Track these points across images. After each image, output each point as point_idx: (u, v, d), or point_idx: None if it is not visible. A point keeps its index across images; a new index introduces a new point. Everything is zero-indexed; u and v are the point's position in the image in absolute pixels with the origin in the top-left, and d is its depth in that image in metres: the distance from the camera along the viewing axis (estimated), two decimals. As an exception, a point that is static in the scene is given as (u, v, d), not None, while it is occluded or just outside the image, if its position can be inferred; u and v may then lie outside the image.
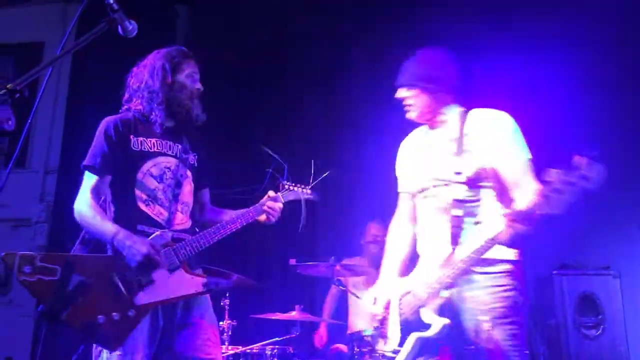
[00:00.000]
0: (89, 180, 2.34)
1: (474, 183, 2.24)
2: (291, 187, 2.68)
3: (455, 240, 2.23)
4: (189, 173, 2.48)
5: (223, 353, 3.51)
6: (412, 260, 2.52)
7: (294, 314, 3.83)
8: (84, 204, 2.30)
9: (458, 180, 2.26)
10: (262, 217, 2.56)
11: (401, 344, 2.29)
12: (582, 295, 4.22)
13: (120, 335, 2.14)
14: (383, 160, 4.91)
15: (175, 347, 2.30)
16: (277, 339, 3.91)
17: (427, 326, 2.23)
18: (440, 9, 4.87)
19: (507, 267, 2.20)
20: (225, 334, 3.74)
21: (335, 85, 5.31)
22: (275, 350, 3.74)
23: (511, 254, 2.21)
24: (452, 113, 2.39)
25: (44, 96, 1.94)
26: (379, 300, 2.46)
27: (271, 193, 2.61)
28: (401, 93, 2.43)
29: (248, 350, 3.75)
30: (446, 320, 2.20)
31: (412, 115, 2.44)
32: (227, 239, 2.43)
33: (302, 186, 2.71)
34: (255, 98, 5.46)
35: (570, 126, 4.41)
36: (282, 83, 5.40)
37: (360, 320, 4.35)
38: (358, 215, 4.99)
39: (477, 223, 2.24)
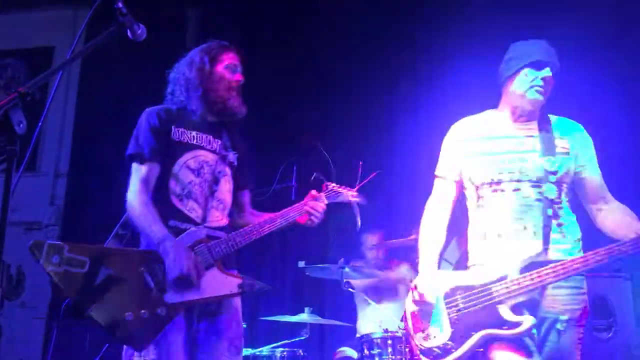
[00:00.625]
0: (137, 170, 2.26)
1: (560, 185, 2.30)
2: (336, 189, 2.56)
3: (547, 240, 2.22)
4: (227, 170, 2.41)
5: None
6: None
7: (303, 316, 3.83)
8: (135, 197, 2.22)
9: (550, 180, 2.27)
10: (303, 219, 2.45)
11: (457, 340, 2.18)
12: (593, 297, 4.18)
13: (149, 334, 2.05)
14: (394, 163, 4.97)
15: (198, 351, 2.21)
16: (286, 341, 3.91)
17: (502, 323, 2.12)
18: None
19: (584, 271, 2.21)
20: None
21: (343, 86, 5.30)
22: (285, 353, 3.73)
23: None
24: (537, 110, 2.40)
25: (54, 99, 1.96)
26: (428, 293, 2.29)
27: (314, 192, 2.51)
28: (547, 72, 2.30)
29: (258, 353, 3.75)
30: (533, 319, 2.11)
31: (540, 98, 2.33)
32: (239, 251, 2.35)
33: (348, 188, 2.60)
34: (264, 104, 5.46)
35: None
36: (295, 86, 5.39)
37: (369, 323, 4.34)
38: (370, 218, 4.97)
39: (559, 225, 2.27)
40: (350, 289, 4.14)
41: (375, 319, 4.28)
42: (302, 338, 3.93)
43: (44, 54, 6.05)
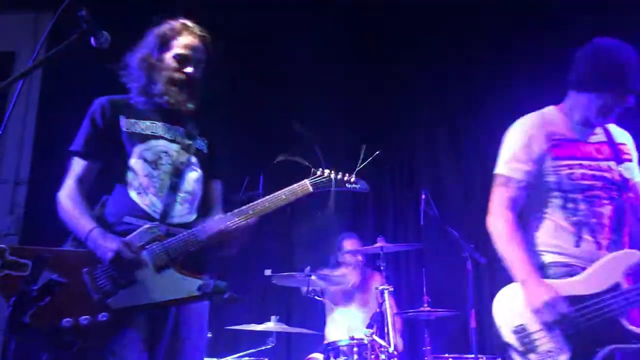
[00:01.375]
0: (75, 166, 2.10)
1: (626, 192, 2.30)
2: (325, 174, 2.23)
3: (635, 246, 2.24)
4: (194, 160, 2.18)
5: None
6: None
7: (270, 325, 3.82)
8: (63, 194, 2.06)
9: (623, 187, 2.29)
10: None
11: (580, 357, 2.01)
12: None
13: (91, 344, 1.86)
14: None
15: None
16: (252, 350, 3.89)
17: (629, 336, 1.99)
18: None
19: None
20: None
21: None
22: (251, 362, 3.73)
23: None
24: None
25: (14, 106, 1.92)
26: (554, 305, 2.06)
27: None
28: (630, 102, 2.28)
29: (223, 363, 3.73)
30: None
31: (612, 123, 2.39)
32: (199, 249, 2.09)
33: (345, 175, 2.26)
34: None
35: None
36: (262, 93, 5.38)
37: (337, 331, 4.36)
38: (335, 225, 5.01)
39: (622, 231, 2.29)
40: (316, 297, 4.16)
41: (343, 326, 4.31)
42: (269, 347, 3.92)
43: (5, 59, 5.91)
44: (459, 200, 5.09)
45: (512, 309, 2.19)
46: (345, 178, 2.25)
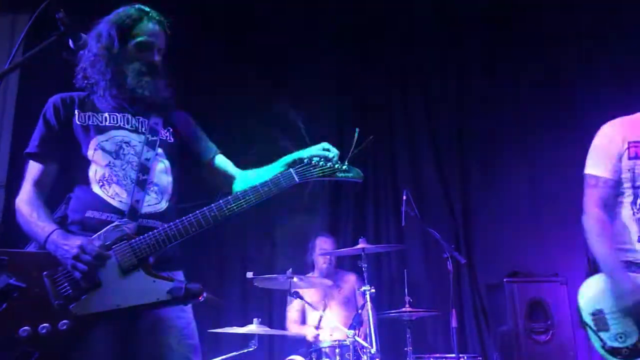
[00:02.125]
0: (31, 170, 1.98)
1: None
2: (312, 162, 1.97)
3: None
4: (159, 150, 2.04)
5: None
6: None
7: (252, 327, 3.81)
8: (21, 199, 1.93)
9: None
10: None
11: None
12: (532, 301, 4.35)
13: (50, 355, 1.69)
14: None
15: None
16: (234, 353, 3.87)
17: None
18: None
19: None
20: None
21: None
22: (233, 365, 3.72)
23: None
24: None
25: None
26: (634, 293, 2.33)
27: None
28: None
29: (205, 366, 3.71)
30: None
31: None
32: (182, 250, 2.01)
33: (334, 161, 1.98)
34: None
35: None
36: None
37: (319, 332, 4.37)
38: (316, 227, 5.02)
39: None
40: (298, 299, 4.15)
41: (324, 327, 4.31)
42: (251, 349, 3.91)
43: (-20, 60, 5.81)
44: (438, 200, 5.13)
45: (593, 296, 2.46)
46: (337, 166, 1.97)
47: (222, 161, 2.20)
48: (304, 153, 1.99)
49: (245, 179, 2.11)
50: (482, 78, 5.25)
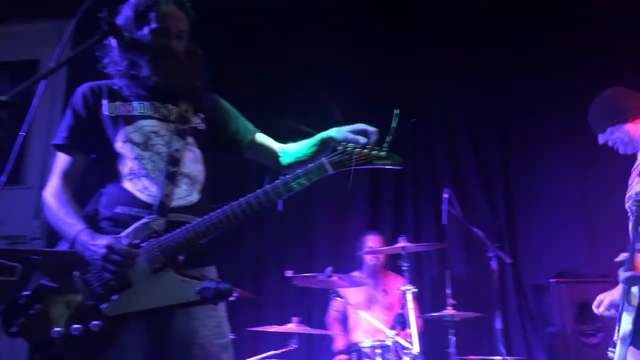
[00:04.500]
0: (59, 161, 1.93)
1: None
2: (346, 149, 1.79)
3: None
4: (190, 140, 1.96)
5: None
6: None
7: (291, 327, 3.81)
8: (49, 192, 1.88)
9: None
10: None
11: None
12: (580, 303, 4.21)
13: (83, 355, 1.70)
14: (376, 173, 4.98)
15: None
16: (273, 352, 3.88)
17: None
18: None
19: None
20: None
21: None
22: (273, 364, 3.72)
23: None
24: None
25: (38, 110, 1.91)
26: None
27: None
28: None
29: (245, 364, 3.73)
30: None
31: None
32: (219, 250, 2.02)
33: (372, 147, 1.80)
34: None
35: None
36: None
37: (359, 333, 4.33)
38: (356, 226, 4.98)
39: None
40: (339, 299, 4.13)
41: (366, 328, 4.27)
42: (291, 348, 3.91)
43: (29, 66, 6.01)
44: (480, 199, 5.02)
45: None
46: (373, 152, 1.79)
47: (263, 138, 2.13)
48: (338, 134, 1.87)
49: (288, 154, 2.06)
50: (528, 78, 5.10)
